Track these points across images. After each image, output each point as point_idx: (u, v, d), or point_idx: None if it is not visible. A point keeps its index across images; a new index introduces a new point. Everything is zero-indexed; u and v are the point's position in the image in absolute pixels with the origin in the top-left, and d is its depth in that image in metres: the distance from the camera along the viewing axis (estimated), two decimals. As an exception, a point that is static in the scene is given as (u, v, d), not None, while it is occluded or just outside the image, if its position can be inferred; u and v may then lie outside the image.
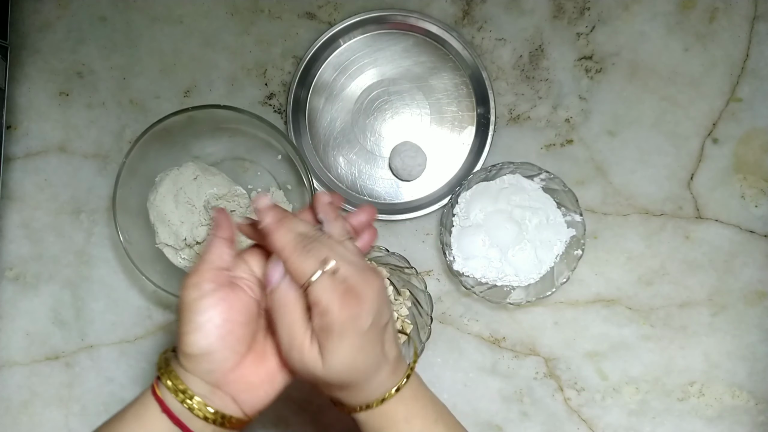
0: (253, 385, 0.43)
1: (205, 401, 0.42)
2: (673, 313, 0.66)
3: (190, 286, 0.42)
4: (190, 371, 0.42)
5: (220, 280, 0.42)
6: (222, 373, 0.42)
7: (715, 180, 0.67)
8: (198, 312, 0.41)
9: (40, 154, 0.69)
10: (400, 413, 0.44)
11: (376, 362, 0.42)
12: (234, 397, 0.43)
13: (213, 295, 0.42)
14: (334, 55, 0.68)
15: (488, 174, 0.65)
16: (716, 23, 0.67)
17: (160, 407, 0.42)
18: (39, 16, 0.69)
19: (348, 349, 0.40)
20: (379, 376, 0.43)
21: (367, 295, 0.40)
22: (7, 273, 0.68)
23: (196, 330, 0.41)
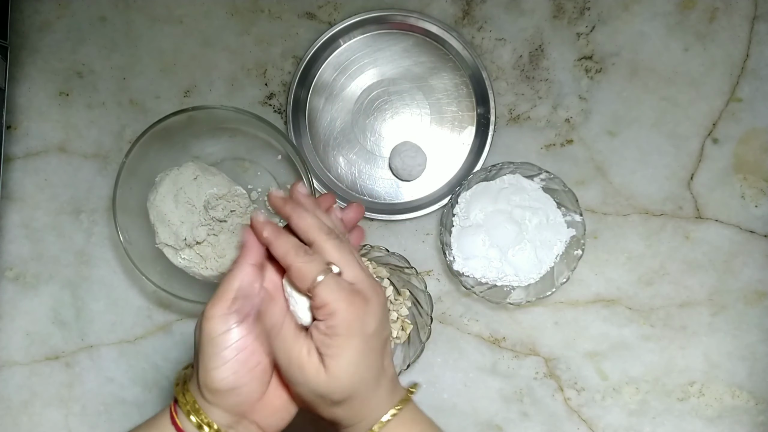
0: (277, 408, 0.43)
1: (228, 431, 0.41)
2: (673, 313, 0.66)
3: (215, 317, 0.40)
4: (216, 405, 0.40)
5: (246, 311, 0.41)
6: (250, 404, 0.41)
7: (715, 180, 0.67)
8: (224, 347, 0.39)
9: (40, 154, 0.69)
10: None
11: (377, 373, 0.41)
12: (259, 423, 0.42)
13: (240, 328, 0.40)
14: (334, 55, 0.68)
15: (488, 174, 0.65)
16: (716, 23, 0.67)
17: None
18: (39, 16, 0.69)
19: (353, 352, 0.39)
20: (380, 391, 0.42)
21: (374, 299, 0.40)
22: (7, 273, 0.68)
23: (222, 365, 0.39)
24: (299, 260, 0.40)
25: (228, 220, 0.65)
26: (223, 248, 0.65)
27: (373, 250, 0.64)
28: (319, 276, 0.39)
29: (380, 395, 0.42)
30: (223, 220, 0.64)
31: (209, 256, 0.64)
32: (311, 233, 0.41)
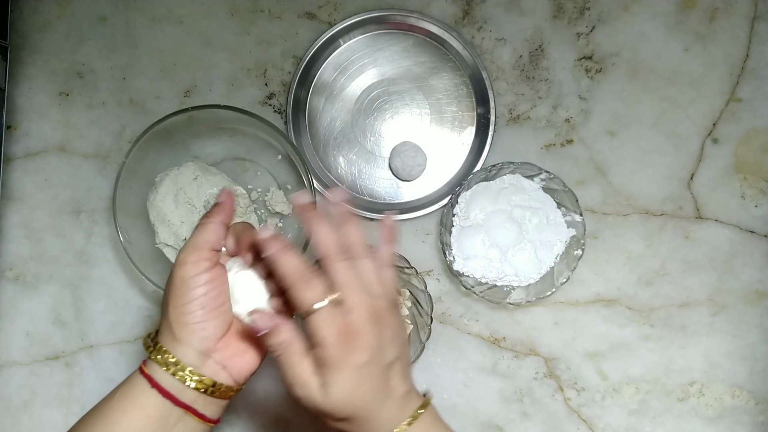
0: (240, 350, 0.46)
1: (196, 370, 0.44)
2: (673, 313, 0.66)
3: (188, 263, 0.44)
4: (183, 340, 0.44)
5: (215, 260, 0.46)
6: (214, 340, 0.45)
7: (715, 180, 0.67)
8: (196, 286, 0.44)
9: (40, 154, 0.69)
10: None
11: (377, 397, 0.42)
12: (224, 364, 0.45)
13: (209, 272, 0.45)
14: (334, 55, 0.68)
15: (488, 174, 0.65)
16: (716, 23, 0.67)
17: (149, 383, 0.44)
18: (39, 16, 0.69)
19: (345, 382, 0.41)
20: (386, 410, 0.43)
21: (366, 333, 0.41)
22: (7, 273, 0.68)
23: (193, 301, 0.44)
24: (298, 284, 0.41)
25: (228, 220, 0.65)
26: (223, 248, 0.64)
27: (373, 250, 0.64)
28: (315, 304, 0.41)
29: (387, 413, 0.43)
30: (223, 220, 0.64)
31: (209, 256, 0.64)
32: (323, 249, 0.43)
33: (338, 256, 0.43)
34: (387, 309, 0.43)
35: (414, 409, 0.44)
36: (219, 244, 0.46)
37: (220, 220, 0.47)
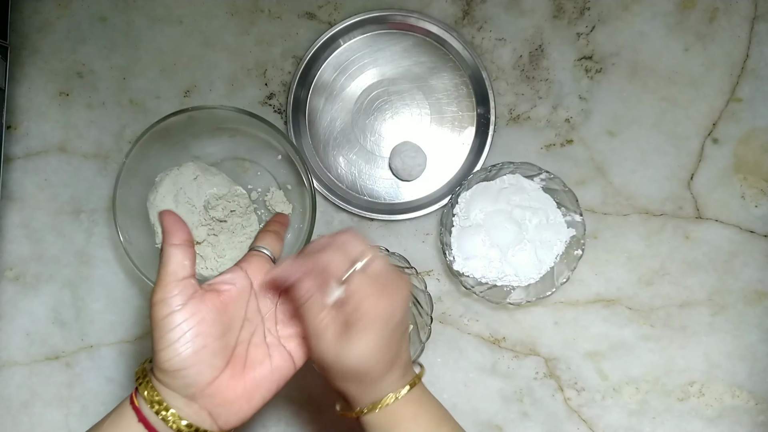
0: (229, 400, 0.43)
1: (179, 413, 0.42)
2: (673, 313, 0.66)
3: (157, 302, 0.41)
4: (167, 386, 0.42)
5: (188, 292, 0.42)
6: (199, 387, 0.42)
7: (715, 180, 0.67)
8: (169, 329, 0.41)
9: (40, 154, 0.69)
10: (406, 413, 0.45)
11: (390, 360, 0.44)
12: (210, 411, 0.43)
13: (182, 311, 0.41)
14: (334, 55, 0.68)
15: (488, 174, 0.65)
16: (716, 23, 0.67)
17: (137, 416, 0.42)
18: (39, 16, 0.69)
19: (370, 341, 0.42)
20: (391, 375, 0.44)
21: (399, 294, 0.43)
22: (7, 273, 0.68)
23: (168, 347, 0.41)
24: (327, 256, 0.42)
25: (228, 220, 0.65)
26: (223, 248, 0.65)
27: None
28: (348, 271, 0.42)
29: (390, 378, 0.44)
30: (223, 220, 0.64)
31: (209, 256, 0.64)
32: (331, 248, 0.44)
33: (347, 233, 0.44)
34: (403, 275, 0.45)
35: (412, 377, 0.46)
36: (184, 270, 0.42)
37: (171, 243, 0.42)
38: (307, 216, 0.63)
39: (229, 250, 0.65)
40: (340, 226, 0.68)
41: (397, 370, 0.45)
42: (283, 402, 0.66)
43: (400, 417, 0.45)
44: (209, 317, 0.42)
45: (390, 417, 0.45)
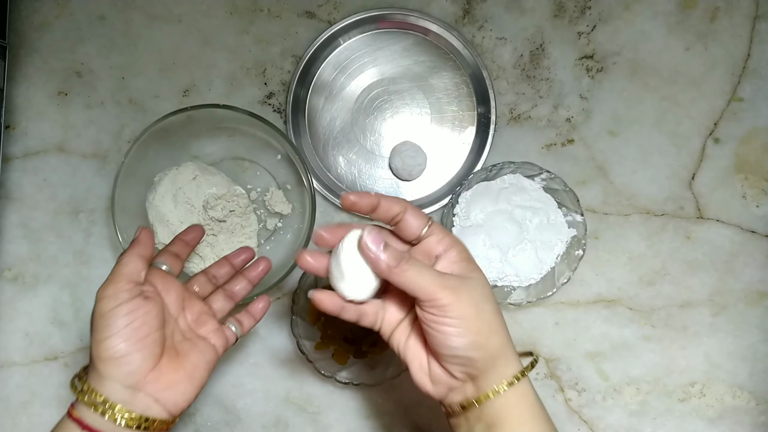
0: (173, 381, 0.45)
1: (126, 407, 0.43)
2: (674, 314, 0.66)
3: (107, 297, 0.44)
4: (110, 376, 0.43)
5: (135, 292, 0.45)
6: (142, 374, 0.44)
7: (716, 180, 0.67)
8: (116, 318, 0.44)
9: (39, 154, 0.68)
10: (512, 410, 0.44)
11: (502, 322, 0.44)
12: (156, 396, 0.44)
13: (129, 303, 0.44)
14: (334, 54, 0.68)
15: (489, 174, 0.65)
16: (717, 23, 0.67)
17: (80, 426, 0.43)
18: (38, 16, 0.69)
19: (477, 281, 0.44)
20: (506, 349, 0.44)
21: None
22: (5, 273, 0.67)
23: (115, 335, 0.43)
24: (410, 212, 0.45)
25: (227, 220, 0.64)
26: (222, 248, 0.64)
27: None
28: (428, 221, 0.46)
29: (507, 354, 0.44)
30: (222, 220, 0.64)
31: (208, 256, 0.64)
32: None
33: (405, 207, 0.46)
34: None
35: (519, 369, 0.45)
36: (138, 276, 0.46)
37: (137, 253, 0.47)
38: (307, 216, 0.62)
39: (228, 250, 0.64)
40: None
41: (508, 345, 0.44)
42: (283, 402, 0.66)
43: (505, 413, 0.43)
44: (152, 311, 0.45)
45: (496, 411, 0.43)
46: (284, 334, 0.67)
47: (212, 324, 0.51)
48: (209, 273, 0.55)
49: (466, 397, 0.44)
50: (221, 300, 0.53)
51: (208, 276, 0.54)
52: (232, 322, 0.53)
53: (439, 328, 0.42)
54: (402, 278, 0.42)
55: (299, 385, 0.66)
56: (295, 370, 0.67)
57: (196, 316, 0.50)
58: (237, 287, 0.55)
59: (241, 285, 0.55)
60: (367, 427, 0.66)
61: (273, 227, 0.67)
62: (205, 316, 0.51)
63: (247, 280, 0.55)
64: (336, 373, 0.63)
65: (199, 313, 0.50)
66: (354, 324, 0.65)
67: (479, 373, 0.43)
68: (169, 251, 0.52)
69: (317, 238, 0.46)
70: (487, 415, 0.43)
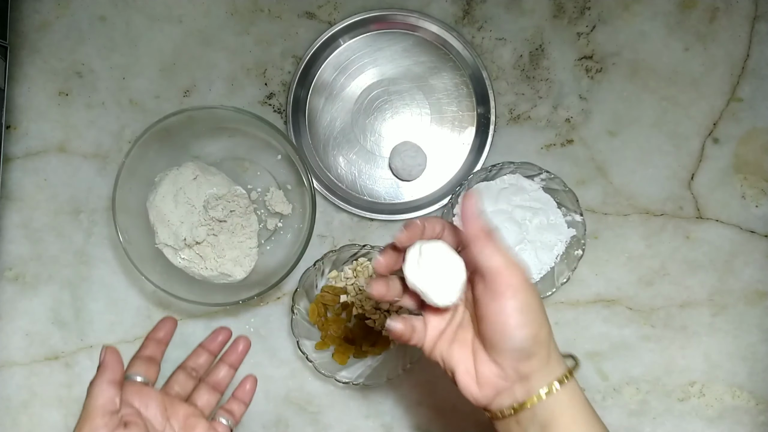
0: None
1: None
2: (674, 314, 0.66)
3: None
4: None
5: (113, 424, 0.43)
6: None
7: (715, 180, 0.67)
8: None
9: (40, 154, 0.68)
10: (559, 414, 0.42)
11: (546, 320, 0.42)
12: None
13: None
14: (334, 55, 0.68)
15: (488, 174, 0.65)
16: (717, 23, 0.67)
17: None
18: (38, 16, 0.69)
19: (524, 292, 0.41)
20: (554, 348, 0.43)
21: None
22: (6, 273, 0.67)
23: None
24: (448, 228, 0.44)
25: (228, 220, 0.65)
26: (223, 248, 0.64)
27: (374, 250, 0.64)
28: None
29: (554, 354, 0.43)
30: (222, 220, 0.64)
31: (209, 256, 0.64)
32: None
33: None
34: None
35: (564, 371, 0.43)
36: (112, 405, 0.43)
37: (107, 380, 0.44)
38: (307, 216, 0.62)
39: (228, 250, 0.65)
40: (340, 226, 0.68)
41: (554, 344, 0.43)
42: (283, 403, 0.66)
43: (560, 413, 0.42)
44: None
45: (551, 412, 0.42)
46: (284, 334, 0.67)
47: (202, 425, 0.48)
48: (187, 367, 0.51)
49: (516, 399, 0.42)
50: (206, 394, 0.50)
51: (187, 370, 0.51)
52: (222, 414, 0.50)
53: (504, 317, 0.41)
54: (490, 249, 0.41)
55: (299, 385, 0.66)
56: (295, 370, 0.67)
57: (182, 421, 0.47)
58: (220, 375, 0.52)
59: (223, 372, 0.52)
60: (367, 427, 0.66)
61: (273, 227, 0.67)
62: (192, 419, 0.48)
63: (228, 365, 0.52)
64: (336, 373, 0.63)
65: (185, 417, 0.48)
66: (354, 324, 0.65)
67: (532, 371, 0.42)
68: (142, 357, 0.49)
69: (387, 253, 0.44)
70: (541, 416, 0.42)
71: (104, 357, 0.45)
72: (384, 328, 0.62)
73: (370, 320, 0.65)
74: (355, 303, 0.65)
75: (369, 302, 0.65)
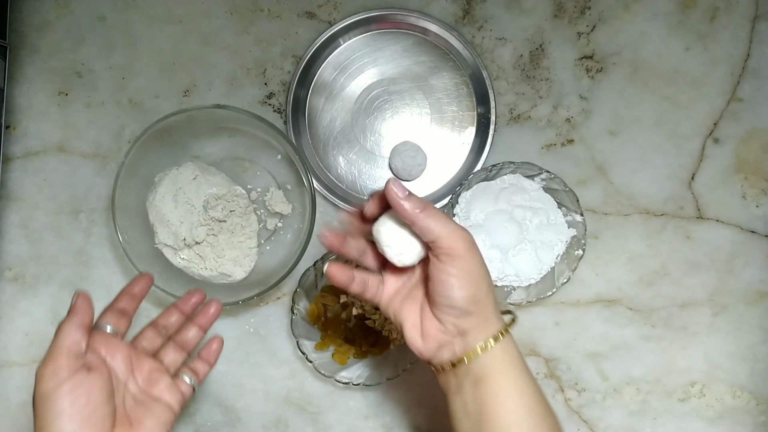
0: None
1: None
2: (674, 314, 0.66)
3: (46, 376, 0.42)
4: None
5: (76, 367, 0.43)
6: None
7: (716, 180, 0.67)
8: (58, 398, 0.41)
9: (39, 154, 0.68)
10: (496, 368, 0.46)
11: (492, 284, 0.47)
12: None
13: (71, 380, 0.42)
14: (334, 55, 0.68)
15: (488, 174, 0.65)
16: (717, 23, 0.67)
17: None
18: (38, 16, 0.69)
19: (473, 262, 0.45)
20: (493, 308, 0.47)
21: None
22: (6, 273, 0.67)
23: (59, 416, 0.41)
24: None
25: (227, 220, 0.64)
26: (223, 248, 0.64)
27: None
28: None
29: (493, 310, 0.47)
30: (222, 220, 0.64)
31: (208, 256, 0.64)
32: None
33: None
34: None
35: (500, 327, 0.47)
36: (78, 348, 0.43)
37: (75, 323, 0.44)
38: (307, 216, 0.62)
39: (228, 250, 0.64)
40: (340, 226, 0.68)
41: (494, 303, 0.47)
42: (283, 402, 0.66)
43: (491, 367, 0.46)
44: (97, 384, 0.43)
45: (483, 366, 0.46)
46: (284, 334, 0.67)
47: (165, 381, 0.48)
48: (158, 324, 0.52)
49: (455, 353, 0.46)
50: (172, 352, 0.51)
51: (158, 328, 0.51)
52: (186, 372, 0.50)
53: (445, 278, 0.45)
54: (425, 222, 0.45)
55: (299, 385, 0.66)
56: (295, 370, 0.67)
57: (146, 375, 0.48)
58: (189, 335, 0.52)
59: (192, 333, 0.52)
60: (367, 427, 0.66)
61: (273, 227, 0.67)
62: (156, 374, 0.48)
63: (198, 326, 0.52)
64: (336, 373, 0.63)
65: (149, 371, 0.48)
66: (354, 324, 0.65)
67: (470, 328, 0.46)
68: (115, 308, 0.48)
69: (352, 215, 0.49)
70: (475, 370, 0.46)
71: (75, 301, 0.45)
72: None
73: (370, 320, 0.65)
74: (355, 303, 0.65)
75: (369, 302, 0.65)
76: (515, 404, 0.46)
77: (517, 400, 0.46)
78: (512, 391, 0.46)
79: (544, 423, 0.47)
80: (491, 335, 0.46)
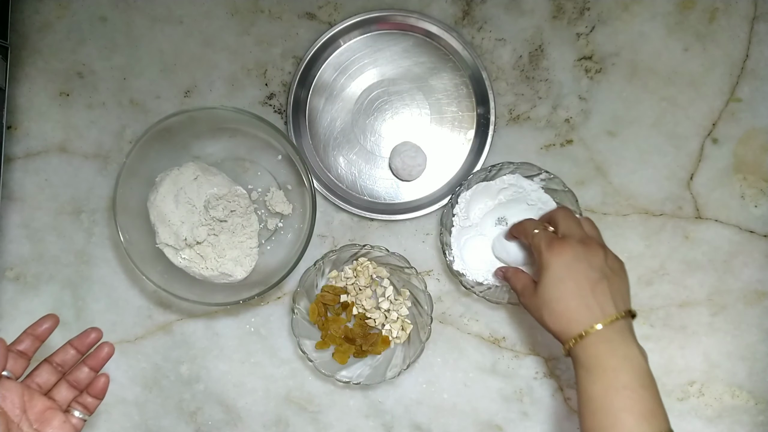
0: None
1: None
2: (673, 313, 0.66)
3: None
4: None
5: None
6: None
7: (714, 180, 0.67)
8: None
9: (41, 154, 0.69)
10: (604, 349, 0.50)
11: (578, 298, 0.50)
12: None
13: None
14: (334, 56, 0.68)
15: (488, 174, 0.65)
16: (716, 23, 0.67)
17: None
18: (39, 17, 0.69)
19: (551, 278, 0.52)
20: (583, 311, 0.50)
21: (570, 244, 0.52)
22: (7, 273, 0.68)
23: None
24: (527, 225, 0.57)
25: (228, 220, 0.65)
26: (223, 248, 0.65)
27: (374, 250, 0.64)
28: (534, 230, 0.55)
29: (584, 314, 0.50)
30: (223, 220, 0.64)
31: (209, 255, 0.64)
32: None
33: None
34: (595, 240, 0.54)
35: (609, 318, 0.50)
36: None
37: None
38: (307, 216, 0.63)
39: (229, 250, 0.65)
40: (340, 226, 0.68)
41: (593, 309, 0.50)
42: (283, 402, 0.66)
43: (599, 352, 0.50)
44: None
45: (591, 351, 0.50)
46: (285, 333, 0.67)
47: (58, 419, 0.49)
48: (53, 362, 0.52)
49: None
50: (65, 390, 0.51)
51: (53, 365, 0.52)
52: (77, 408, 0.51)
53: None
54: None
55: (300, 385, 0.67)
56: (296, 369, 0.67)
57: (39, 414, 0.48)
58: (81, 376, 0.53)
59: (84, 373, 0.53)
60: (367, 427, 0.66)
61: (274, 227, 0.67)
62: (49, 412, 0.49)
63: (89, 368, 0.53)
64: (336, 373, 0.63)
65: (42, 410, 0.49)
66: (354, 324, 0.65)
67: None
68: (14, 351, 0.50)
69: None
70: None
71: None
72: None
73: (370, 320, 0.65)
74: (355, 303, 0.65)
75: (369, 302, 0.65)
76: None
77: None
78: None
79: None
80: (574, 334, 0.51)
